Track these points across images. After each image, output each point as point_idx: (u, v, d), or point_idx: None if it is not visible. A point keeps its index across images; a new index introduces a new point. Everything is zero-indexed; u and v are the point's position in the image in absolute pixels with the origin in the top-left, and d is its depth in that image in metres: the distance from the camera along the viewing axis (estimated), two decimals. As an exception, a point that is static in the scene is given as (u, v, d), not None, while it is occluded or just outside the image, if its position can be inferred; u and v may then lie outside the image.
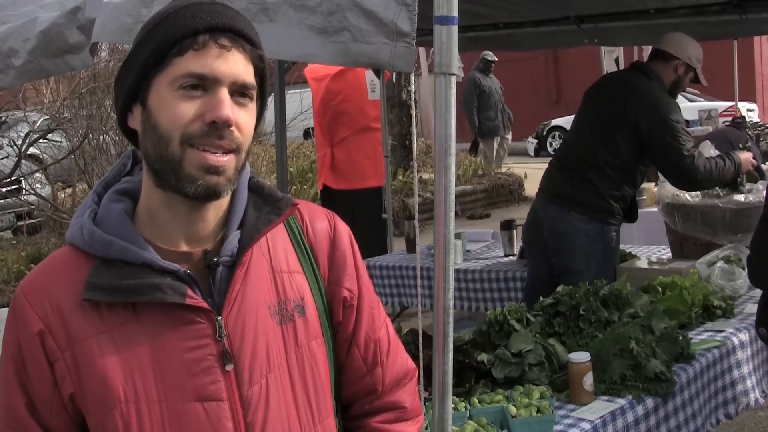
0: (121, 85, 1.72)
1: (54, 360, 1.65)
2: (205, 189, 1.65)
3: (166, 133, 1.63)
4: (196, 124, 1.62)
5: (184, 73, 1.63)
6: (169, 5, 1.70)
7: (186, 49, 1.63)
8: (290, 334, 1.77)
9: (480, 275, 6.03)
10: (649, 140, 4.85)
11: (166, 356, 1.66)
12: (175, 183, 1.65)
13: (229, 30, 1.66)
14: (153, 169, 1.68)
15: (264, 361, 1.72)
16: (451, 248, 2.35)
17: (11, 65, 3.76)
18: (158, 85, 1.65)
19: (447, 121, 2.32)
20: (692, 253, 5.24)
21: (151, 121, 1.66)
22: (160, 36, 1.65)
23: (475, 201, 15.85)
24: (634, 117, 4.85)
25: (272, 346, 1.74)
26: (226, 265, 1.73)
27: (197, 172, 1.63)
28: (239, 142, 1.67)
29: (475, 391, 3.31)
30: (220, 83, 1.64)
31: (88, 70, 10.88)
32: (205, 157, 1.63)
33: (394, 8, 2.49)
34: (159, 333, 1.66)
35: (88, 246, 1.69)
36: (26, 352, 1.66)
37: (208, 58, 1.63)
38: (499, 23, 7.28)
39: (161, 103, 1.65)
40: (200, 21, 1.63)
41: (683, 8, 6.50)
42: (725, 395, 3.79)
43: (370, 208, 8.26)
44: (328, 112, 8.36)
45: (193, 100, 1.63)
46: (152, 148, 1.66)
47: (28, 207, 12.52)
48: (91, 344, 1.64)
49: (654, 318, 3.70)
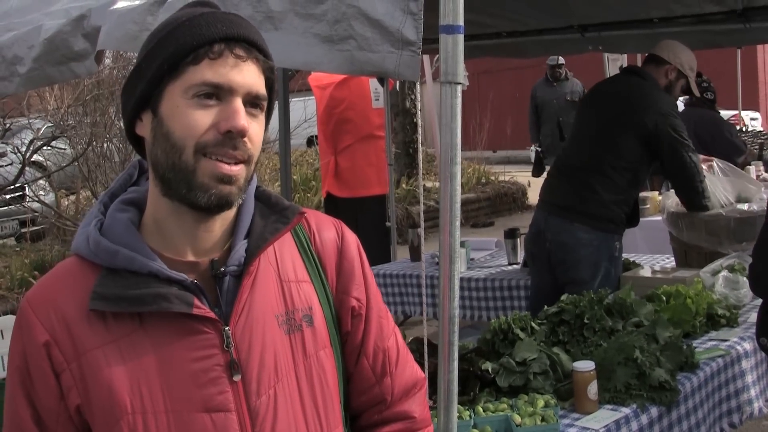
0: (131, 92, 1.71)
1: (60, 371, 1.65)
2: (217, 198, 1.64)
3: (180, 141, 1.63)
4: (211, 134, 1.62)
5: (199, 82, 1.63)
6: (181, 13, 1.70)
7: (201, 58, 1.63)
8: (298, 343, 1.76)
9: (484, 284, 6.02)
10: (655, 138, 4.88)
11: (172, 366, 1.65)
12: (187, 192, 1.64)
13: (243, 40, 1.66)
14: (163, 179, 1.67)
15: (272, 371, 1.71)
16: (456, 257, 2.35)
17: (16, 72, 3.77)
18: (171, 92, 1.65)
19: (453, 129, 2.32)
20: (696, 261, 5.24)
21: (162, 129, 1.65)
22: (175, 43, 1.64)
23: (479, 209, 15.86)
24: (637, 118, 4.89)
25: (280, 356, 1.73)
26: (233, 275, 1.72)
27: (210, 181, 1.63)
28: (251, 153, 1.67)
29: (480, 400, 3.31)
30: (235, 93, 1.64)
31: (92, 78, 10.90)
32: (219, 167, 1.63)
33: (399, 17, 2.49)
34: (166, 343, 1.65)
35: (94, 256, 1.68)
36: (32, 363, 1.66)
37: (224, 67, 1.63)
38: (502, 32, 7.29)
39: (174, 111, 1.64)
40: (216, 30, 1.64)
41: (686, 17, 6.51)
42: (729, 404, 3.78)
43: (373, 216, 8.27)
44: (332, 120, 8.38)
45: (208, 109, 1.63)
46: (163, 156, 1.65)
47: (31, 214, 12.53)
48: (98, 355, 1.63)
49: (658, 327, 3.70)
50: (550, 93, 12.86)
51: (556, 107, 12.68)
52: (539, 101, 12.92)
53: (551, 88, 12.88)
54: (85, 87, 11.64)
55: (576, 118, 5.35)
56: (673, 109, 4.99)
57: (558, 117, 12.60)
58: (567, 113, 12.26)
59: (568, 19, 6.88)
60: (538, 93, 13.02)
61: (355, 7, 2.61)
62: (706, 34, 6.74)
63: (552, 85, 12.91)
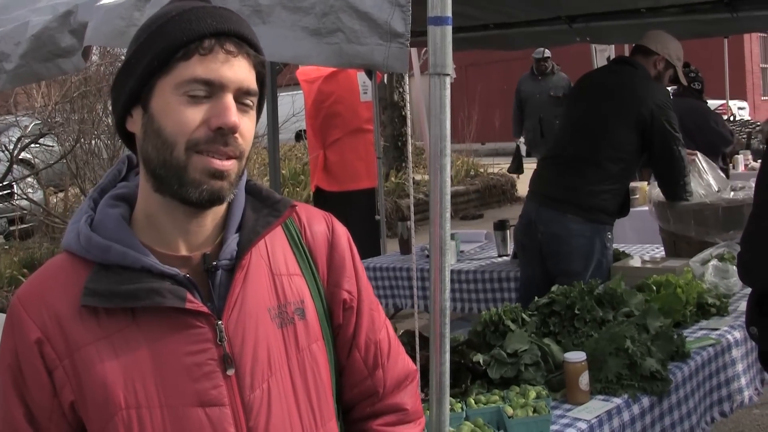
0: (121, 88, 1.70)
1: (53, 368, 1.64)
2: (209, 194, 1.64)
3: (171, 137, 1.62)
4: (202, 130, 1.62)
5: (190, 78, 1.62)
6: (171, 7, 1.69)
7: (192, 54, 1.62)
8: (291, 337, 1.77)
9: (474, 276, 6.02)
10: (651, 128, 4.91)
11: (166, 361, 1.65)
12: (179, 188, 1.64)
13: (234, 35, 1.65)
14: (154, 174, 1.67)
15: (265, 365, 1.71)
16: (447, 248, 2.35)
17: (3, 69, 3.76)
18: (162, 88, 1.64)
19: (442, 121, 2.32)
20: (685, 251, 5.24)
21: (153, 125, 1.65)
22: (165, 39, 1.63)
23: (468, 201, 15.88)
24: (634, 107, 4.90)
25: (273, 349, 1.73)
26: (225, 269, 1.72)
27: (202, 176, 1.63)
28: (242, 149, 1.67)
29: (471, 392, 3.31)
30: (226, 89, 1.63)
31: (79, 75, 10.87)
32: (210, 162, 1.63)
33: (387, 9, 2.49)
34: (159, 338, 1.65)
35: (86, 252, 1.68)
36: (24, 361, 1.65)
37: (214, 63, 1.62)
38: (489, 24, 7.29)
39: (165, 108, 1.63)
40: (206, 25, 1.63)
41: (674, 6, 6.52)
42: (720, 393, 3.79)
43: (363, 209, 8.26)
44: (320, 114, 8.36)
45: (199, 105, 1.63)
46: (155, 152, 1.65)
47: (20, 212, 12.50)
48: (90, 351, 1.63)
49: (649, 317, 3.71)
50: (534, 87, 12.50)
51: (539, 102, 12.33)
52: (523, 95, 12.58)
53: (536, 83, 12.53)
54: (73, 84, 11.61)
55: (566, 108, 5.35)
56: (668, 101, 5.02)
57: (539, 113, 12.26)
58: (548, 109, 12.04)
59: (555, 11, 6.87)
60: (523, 87, 12.65)
61: (343, 0, 2.61)
62: (694, 24, 6.76)
63: (537, 79, 12.54)
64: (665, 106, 4.96)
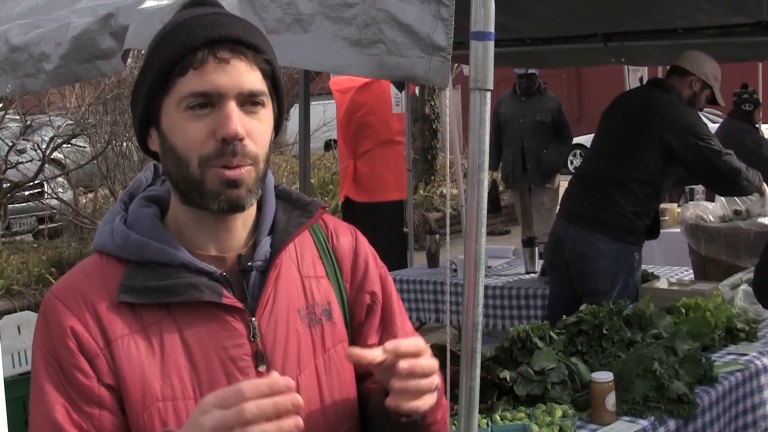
0: (135, 111, 1.74)
1: (93, 356, 1.63)
2: (227, 203, 1.66)
3: (184, 155, 1.65)
4: (210, 144, 1.63)
5: (187, 94, 1.63)
6: (169, 20, 1.70)
7: (186, 69, 1.62)
8: (318, 337, 1.79)
9: (501, 292, 6.01)
10: (681, 152, 4.87)
11: (201, 355, 1.67)
12: (200, 200, 1.67)
13: (226, 40, 1.64)
14: (177, 189, 1.70)
15: (295, 362, 1.74)
16: (482, 263, 2.36)
17: (42, 69, 3.78)
18: (167, 107, 1.66)
19: (481, 136, 2.32)
20: (715, 274, 5.23)
21: (167, 144, 1.67)
22: (161, 57, 1.65)
23: (495, 217, 15.81)
24: (659, 132, 4.88)
25: (302, 348, 1.76)
26: (258, 270, 1.75)
27: (218, 187, 1.64)
28: (255, 153, 1.67)
29: (497, 408, 3.30)
30: (225, 97, 1.63)
31: (113, 77, 10.94)
32: (223, 173, 1.64)
33: (430, 22, 2.50)
34: (194, 332, 1.67)
35: (121, 250, 1.69)
36: (61, 350, 1.63)
37: (209, 74, 1.62)
38: (526, 38, 7.28)
39: (173, 126, 1.66)
40: (196, 37, 1.62)
41: (711, 28, 6.48)
42: (746, 419, 3.77)
43: (391, 221, 8.28)
44: (352, 124, 8.39)
45: (203, 118, 1.63)
46: (174, 169, 1.68)
47: (49, 211, 12.59)
48: (128, 342, 1.64)
49: (677, 339, 3.69)
50: (516, 109, 10.05)
51: (521, 127, 9.95)
52: (502, 118, 10.11)
53: (518, 104, 10.07)
54: (107, 86, 11.70)
55: (598, 127, 5.35)
56: (694, 120, 4.98)
57: (522, 140, 9.93)
58: (533, 136, 9.88)
59: (592, 27, 6.86)
60: (502, 109, 10.20)
61: (386, 12, 2.61)
62: (731, 47, 6.72)
63: (520, 99, 10.08)
64: (692, 125, 4.92)
